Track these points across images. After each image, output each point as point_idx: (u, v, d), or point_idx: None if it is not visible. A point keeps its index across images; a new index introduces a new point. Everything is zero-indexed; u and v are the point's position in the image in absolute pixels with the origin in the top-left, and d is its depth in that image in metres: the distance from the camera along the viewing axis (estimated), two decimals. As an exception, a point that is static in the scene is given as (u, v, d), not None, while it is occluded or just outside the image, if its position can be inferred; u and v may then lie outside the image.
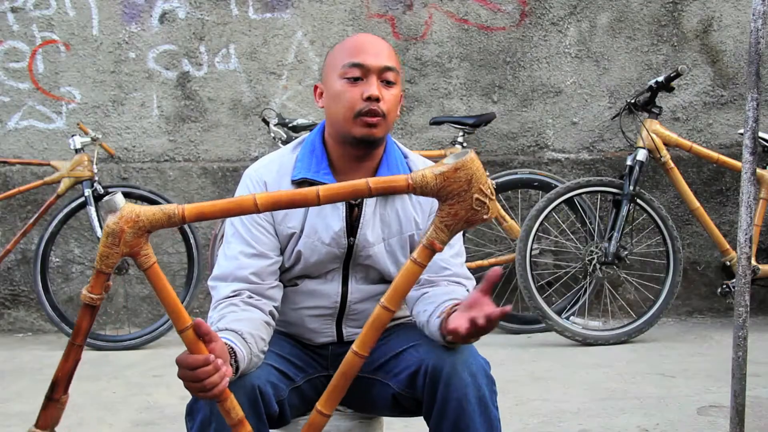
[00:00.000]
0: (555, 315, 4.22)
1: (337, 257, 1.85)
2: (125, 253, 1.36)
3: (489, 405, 1.71)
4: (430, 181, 1.42)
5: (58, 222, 4.42)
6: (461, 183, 1.42)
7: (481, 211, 1.44)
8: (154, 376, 3.81)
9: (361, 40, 1.85)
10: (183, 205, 1.42)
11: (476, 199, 1.42)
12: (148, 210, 1.38)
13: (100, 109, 4.86)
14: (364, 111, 1.79)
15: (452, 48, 4.87)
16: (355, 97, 1.79)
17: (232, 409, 1.51)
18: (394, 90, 1.83)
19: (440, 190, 1.42)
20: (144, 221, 1.37)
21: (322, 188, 1.43)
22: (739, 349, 2.23)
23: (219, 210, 1.42)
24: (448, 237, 1.45)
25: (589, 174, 4.79)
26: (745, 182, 2.21)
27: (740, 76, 4.85)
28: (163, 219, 1.38)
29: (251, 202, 1.42)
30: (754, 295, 4.55)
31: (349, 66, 1.81)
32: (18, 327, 4.83)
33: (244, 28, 4.85)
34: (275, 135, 4.31)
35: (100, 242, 1.37)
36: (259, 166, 1.90)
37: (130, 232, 1.36)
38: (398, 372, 1.80)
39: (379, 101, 1.79)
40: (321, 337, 1.93)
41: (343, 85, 1.81)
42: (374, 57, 1.81)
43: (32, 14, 4.82)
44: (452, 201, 1.43)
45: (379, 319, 1.49)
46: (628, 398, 3.28)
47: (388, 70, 1.82)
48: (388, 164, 1.89)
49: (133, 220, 1.36)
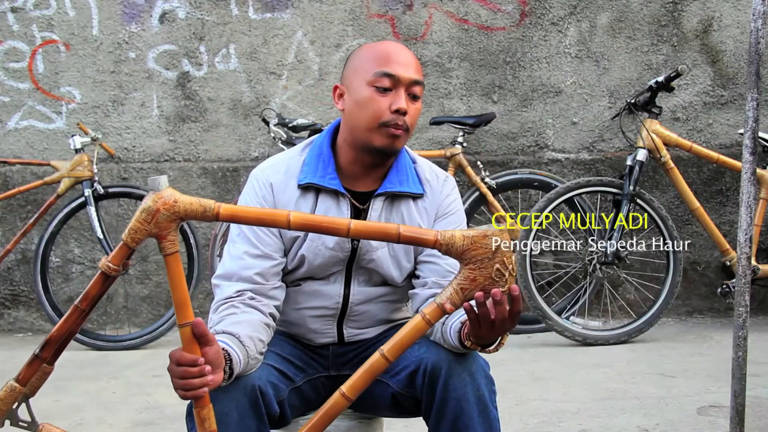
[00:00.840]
0: (555, 315, 4.22)
1: (340, 260, 1.85)
2: (153, 233, 1.39)
3: (488, 405, 1.71)
4: (458, 241, 1.45)
5: (58, 222, 4.42)
6: (487, 250, 1.45)
7: (499, 282, 1.46)
8: (154, 376, 3.81)
9: (394, 50, 1.83)
10: (220, 203, 1.44)
11: (497, 269, 1.45)
12: (187, 199, 1.41)
13: (100, 109, 4.86)
14: (390, 123, 1.79)
15: (452, 48, 4.87)
16: (382, 108, 1.78)
17: (207, 419, 1.50)
18: (418, 104, 1.84)
19: (465, 252, 1.45)
20: (180, 208, 1.40)
21: (353, 223, 1.46)
22: (739, 349, 2.23)
23: (253, 217, 1.46)
24: (460, 301, 1.47)
25: (589, 174, 4.79)
26: (745, 182, 2.21)
27: (740, 76, 4.85)
28: (198, 211, 1.41)
29: (285, 218, 1.46)
30: (754, 295, 4.55)
31: (380, 75, 1.79)
32: (18, 327, 4.83)
33: (244, 28, 4.85)
34: (275, 135, 4.31)
35: (134, 216, 1.40)
36: (266, 167, 1.89)
37: (165, 214, 1.39)
38: (397, 371, 1.80)
39: (406, 115, 1.79)
40: (322, 337, 1.93)
41: (371, 93, 1.79)
42: (405, 69, 1.80)
43: (32, 14, 4.82)
44: (474, 266, 1.45)
45: (375, 367, 1.50)
46: (628, 398, 3.28)
47: (416, 84, 1.81)
48: (398, 171, 1.89)
49: (170, 203, 1.39)
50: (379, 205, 1.86)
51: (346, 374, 1.92)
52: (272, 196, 1.84)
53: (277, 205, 1.85)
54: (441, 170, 1.98)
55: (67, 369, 3.97)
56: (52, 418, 3.17)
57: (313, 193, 1.85)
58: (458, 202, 1.95)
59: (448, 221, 1.90)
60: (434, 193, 1.91)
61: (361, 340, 1.94)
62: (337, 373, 1.93)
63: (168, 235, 1.40)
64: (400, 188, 1.87)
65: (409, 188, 1.88)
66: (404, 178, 1.88)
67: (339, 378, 1.91)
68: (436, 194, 1.92)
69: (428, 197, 1.91)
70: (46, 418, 3.30)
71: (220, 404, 1.64)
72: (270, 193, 1.84)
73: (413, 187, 1.89)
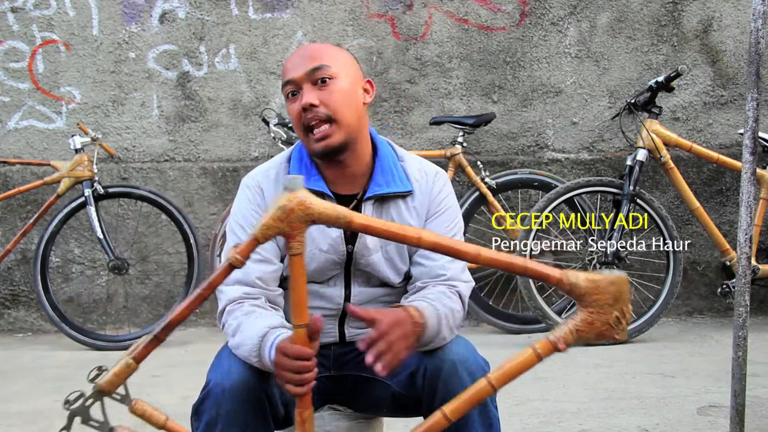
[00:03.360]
0: (555, 315, 4.22)
1: (337, 263, 1.84)
2: (284, 231, 1.42)
3: (488, 404, 1.71)
4: (582, 283, 1.46)
5: (58, 222, 4.42)
6: (608, 296, 1.46)
7: (615, 330, 1.49)
8: (154, 376, 3.80)
9: (291, 56, 1.82)
10: (354, 213, 1.46)
11: (616, 316, 1.47)
12: (322, 203, 1.43)
13: (100, 109, 4.86)
14: (306, 123, 1.76)
15: (452, 48, 4.87)
16: (296, 111, 1.77)
17: (308, 420, 1.52)
18: (334, 85, 1.76)
19: (586, 295, 1.47)
20: (314, 211, 1.42)
21: (483, 251, 1.49)
22: (739, 349, 2.22)
23: (384, 230, 1.47)
24: (573, 342, 1.49)
25: (589, 174, 4.79)
26: (745, 182, 2.21)
27: (740, 76, 4.85)
28: (331, 216, 1.43)
29: (416, 237, 1.47)
30: (754, 295, 4.54)
31: (284, 85, 1.80)
32: (18, 327, 4.83)
33: (244, 28, 4.85)
34: (275, 135, 4.31)
35: (267, 213, 1.42)
36: (256, 173, 1.89)
37: (299, 214, 1.41)
38: (398, 372, 1.79)
39: (315, 106, 1.75)
40: (324, 337, 1.92)
41: (288, 103, 1.80)
42: (297, 67, 1.77)
43: (32, 14, 4.82)
44: (593, 310, 1.47)
45: (480, 393, 1.51)
46: (628, 398, 3.28)
47: (315, 71, 1.76)
48: (383, 171, 1.85)
49: (305, 204, 1.41)
50: (369, 209, 1.84)
51: (347, 374, 1.92)
52: (264, 201, 1.83)
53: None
54: (432, 166, 1.92)
55: (67, 369, 3.97)
56: (51, 418, 3.18)
57: None
58: (451, 198, 1.89)
59: (440, 220, 1.86)
60: (424, 191, 1.86)
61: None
62: (338, 374, 1.92)
63: (297, 236, 1.42)
64: (387, 189, 1.84)
65: (396, 188, 1.84)
66: (390, 178, 1.84)
67: (340, 378, 1.91)
68: (426, 191, 1.86)
69: (417, 195, 1.86)
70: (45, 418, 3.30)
71: (226, 405, 1.64)
72: (262, 198, 1.84)
73: (400, 186, 1.84)
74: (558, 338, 1.48)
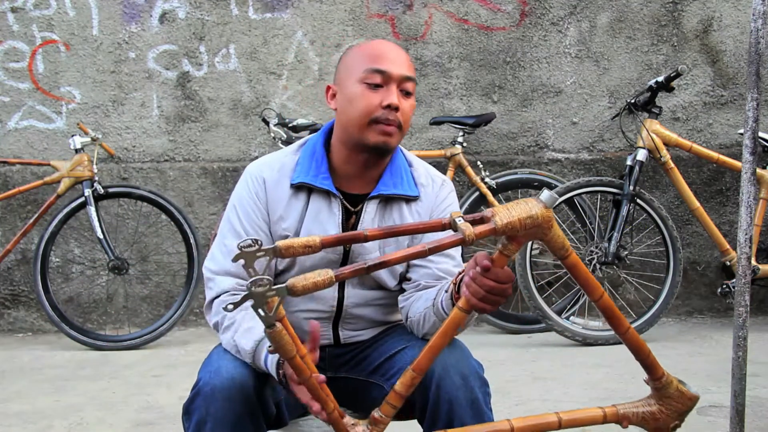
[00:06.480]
0: (555, 315, 4.21)
1: (332, 262, 1.84)
2: (519, 235, 1.48)
3: (482, 407, 1.70)
4: (672, 388, 1.66)
5: (58, 222, 4.41)
6: (683, 408, 1.66)
7: (671, 427, 1.68)
8: (154, 376, 3.80)
9: (384, 48, 1.83)
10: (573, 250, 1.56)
11: (677, 424, 1.67)
12: (559, 231, 1.52)
13: (100, 109, 4.86)
14: (382, 119, 1.77)
15: (452, 48, 4.87)
16: (373, 103, 1.77)
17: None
18: (411, 101, 1.82)
19: (671, 399, 1.66)
20: (551, 235, 1.50)
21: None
22: (739, 349, 2.22)
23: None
24: (635, 423, 1.67)
25: (589, 174, 4.79)
26: (745, 182, 2.21)
27: (740, 76, 4.85)
28: (557, 244, 1.52)
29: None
30: (754, 295, 4.55)
31: (370, 71, 1.78)
32: (18, 327, 4.83)
33: (244, 28, 4.85)
34: (275, 135, 4.31)
35: (519, 211, 1.47)
36: (261, 163, 1.89)
37: (537, 229, 1.49)
38: (393, 374, 1.79)
39: (398, 110, 1.77)
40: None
41: (362, 89, 1.78)
42: (396, 65, 1.79)
43: (32, 14, 4.82)
44: (665, 408, 1.66)
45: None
46: (628, 398, 3.27)
47: (408, 80, 1.80)
48: (392, 173, 1.87)
49: (548, 225, 1.50)
50: (373, 207, 1.85)
51: (343, 376, 1.91)
52: (264, 193, 1.84)
53: (269, 202, 1.84)
54: (439, 174, 1.95)
55: (67, 369, 3.97)
56: (51, 418, 3.18)
57: (305, 193, 1.85)
58: (454, 207, 1.92)
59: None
60: (429, 197, 1.89)
61: (358, 341, 1.94)
62: (334, 375, 1.92)
63: (519, 244, 1.51)
64: (394, 191, 1.85)
65: (403, 190, 1.86)
66: (398, 180, 1.86)
67: (336, 380, 1.90)
68: (431, 198, 1.90)
69: (422, 200, 1.88)
70: (45, 418, 3.30)
71: (216, 404, 1.64)
72: (263, 189, 1.84)
73: (408, 190, 1.87)
74: (626, 414, 1.67)
